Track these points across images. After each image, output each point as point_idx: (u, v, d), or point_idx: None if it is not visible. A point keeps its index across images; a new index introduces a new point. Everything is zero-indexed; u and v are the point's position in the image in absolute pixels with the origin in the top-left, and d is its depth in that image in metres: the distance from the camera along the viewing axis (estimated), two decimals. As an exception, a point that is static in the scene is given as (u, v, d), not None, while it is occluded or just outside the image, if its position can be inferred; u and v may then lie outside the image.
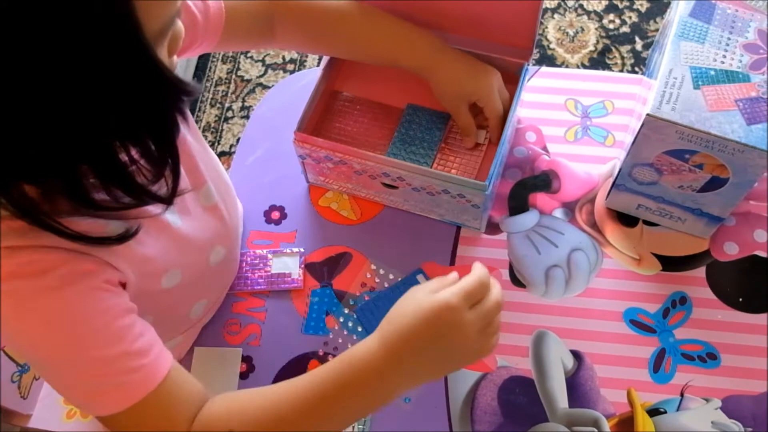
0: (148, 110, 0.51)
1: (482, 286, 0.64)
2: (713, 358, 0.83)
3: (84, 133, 0.48)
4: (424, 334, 0.62)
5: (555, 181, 0.93)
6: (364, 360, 0.63)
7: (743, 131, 0.73)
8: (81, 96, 0.46)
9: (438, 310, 0.61)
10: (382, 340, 0.63)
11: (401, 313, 0.63)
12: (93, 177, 0.52)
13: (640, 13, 1.92)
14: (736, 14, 0.81)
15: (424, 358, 0.63)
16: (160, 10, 0.49)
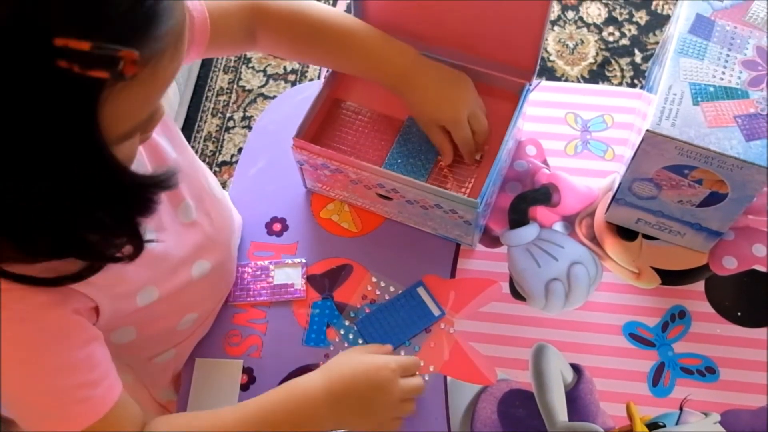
0: (105, 205, 0.51)
1: (415, 366, 0.79)
2: (712, 372, 0.83)
3: (40, 210, 0.48)
4: (362, 384, 0.74)
5: (555, 195, 0.93)
6: (306, 395, 0.73)
7: (742, 147, 0.73)
8: (39, 186, 0.46)
9: (378, 367, 0.75)
10: (325, 380, 0.73)
11: (346, 362, 0.76)
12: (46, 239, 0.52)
13: (639, 26, 1.94)
14: (735, 31, 0.82)
15: (354, 406, 0.74)
16: (129, 120, 0.50)
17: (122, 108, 0.47)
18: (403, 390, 0.75)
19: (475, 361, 0.84)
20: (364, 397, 0.74)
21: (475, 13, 0.85)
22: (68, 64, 0.41)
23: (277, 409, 0.72)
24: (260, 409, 0.72)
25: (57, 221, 0.50)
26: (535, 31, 0.83)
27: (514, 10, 0.83)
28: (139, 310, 0.70)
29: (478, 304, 0.87)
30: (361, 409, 0.74)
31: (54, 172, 0.46)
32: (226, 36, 0.82)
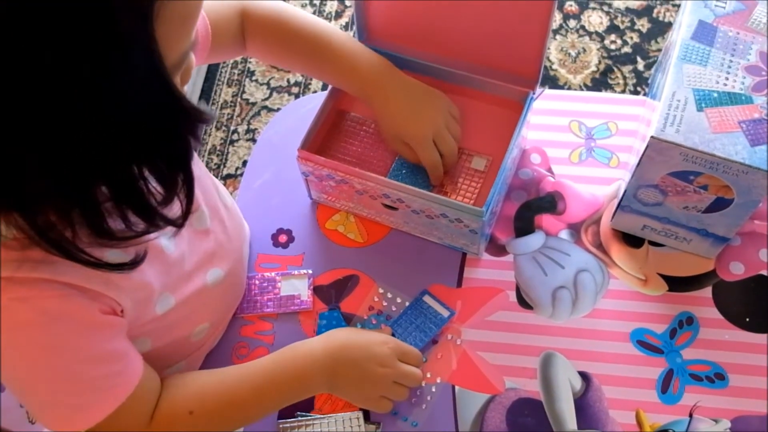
0: (166, 136, 0.52)
1: (415, 358, 0.81)
2: (721, 378, 0.83)
3: (104, 155, 0.49)
4: (359, 354, 0.78)
5: (560, 203, 0.93)
6: (306, 358, 0.77)
7: (747, 152, 0.74)
8: (102, 122, 0.47)
9: (378, 342, 0.79)
10: (326, 346, 0.77)
11: (347, 334, 0.80)
12: (108, 202, 0.53)
13: (641, 34, 1.94)
14: (737, 37, 0.82)
15: (349, 375, 0.77)
16: (178, 43, 0.52)
17: (170, 28, 0.48)
18: (398, 371, 0.78)
19: (483, 371, 0.84)
20: (360, 367, 0.77)
21: (478, 22, 0.86)
22: None
23: (278, 369, 0.76)
24: (264, 369, 0.76)
25: (121, 170, 0.52)
26: (538, 40, 0.84)
27: (516, 19, 0.83)
28: (156, 319, 0.70)
29: (485, 313, 0.87)
30: (354, 379, 0.78)
31: (122, 106, 0.47)
32: (224, 40, 0.84)
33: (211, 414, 0.73)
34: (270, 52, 0.90)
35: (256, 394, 0.75)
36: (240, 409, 0.74)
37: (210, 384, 0.75)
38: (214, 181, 0.84)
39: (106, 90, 0.46)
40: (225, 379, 0.75)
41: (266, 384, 0.75)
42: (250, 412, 0.76)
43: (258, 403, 0.75)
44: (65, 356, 0.61)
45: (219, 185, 0.85)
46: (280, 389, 0.76)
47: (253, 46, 0.88)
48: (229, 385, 0.74)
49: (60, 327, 0.60)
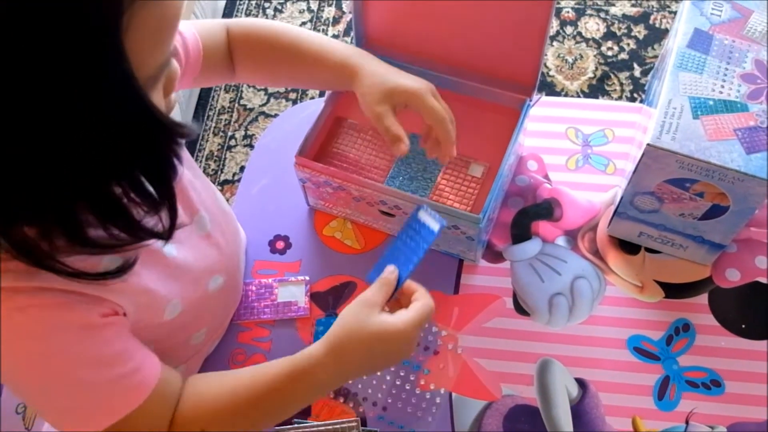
0: (143, 153, 0.52)
1: (432, 310, 0.73)
2: (717, 385, 0.83)
3: (81, 174, 0.49)
4: (376, 351, 0.70)
5: (557, 209, 0.94)
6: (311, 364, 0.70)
7: (742, 160, 0.74)
8: (77, 140, 0.46)
9: (397, 337, 0.69)
10: (333, 352, 0.69)
11: (358, 335, 0.70)
12: (89, 214, 0.52)
13: (637, 40, 1.95)
14: (733, 45, 0.83)
15: (367, 365, 0.72)
16: (153, 55, 0.50)
17: (143, 39, 0.47)
18: (418, 338, 0.74)
19: (480, 377, 0.84)
20: (380, 359, 0.72)
21: (475, 29, 0.86)
22: None
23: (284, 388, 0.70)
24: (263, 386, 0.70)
25: (100, 187, 0.51)
26: (536, 48, 0.84)
27: (514, 27, 0.83)
28: (162, 324, 0.70)
29: (482, 320, 0.87)
30: (374, 368, 0.76)
31: (92, 124, 0.46)
32: (213, 62, 0.83)
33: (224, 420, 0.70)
34: (256, 68, 0.88)
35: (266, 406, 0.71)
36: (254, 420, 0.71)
37: (221, 397, 0.71)
38: (212, 186, 0.84)
39: (78, 107, 0.45)
40: (238, 392, 0.71)
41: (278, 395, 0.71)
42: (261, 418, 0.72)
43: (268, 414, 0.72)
44: (68, 363, 0.60)
45: (216, 191, 0.85)
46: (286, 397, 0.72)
47: (240, 65, 0.87)
48: (240, 396, 0.70)
49: (60, 334, 0.59)
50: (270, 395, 0.70)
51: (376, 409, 0.83)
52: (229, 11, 2.11)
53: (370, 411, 0.83)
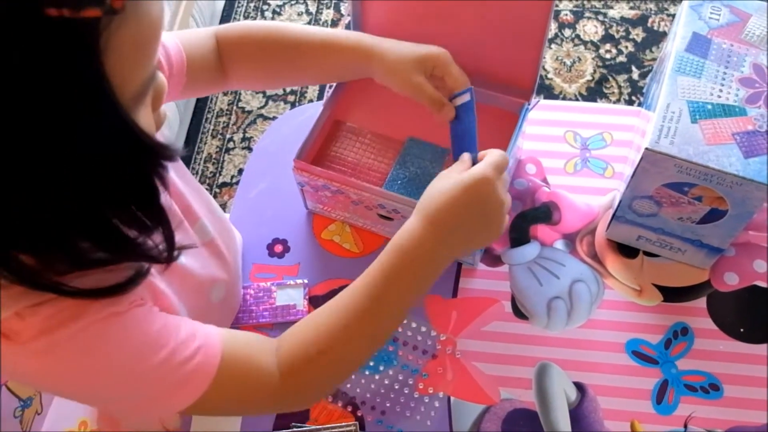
0: (129, 177, 0.50)
1: (505, 158, 0.71)
2: (716, 389, 0.83)
3: (68, 203, 0.47)
4: (465, 205, 0.67)
5: (555, 213, 0.94)
6: (413, 241, 0.67)
7: (741, 164, 0.74)
8: (63, 169, 0.45)
9: (476, 182, 0.67)
10: (426, 218, 0.67)
11: (440, 191, 0.68)
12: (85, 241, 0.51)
13: (636, 43, 1.95)
14: (731, 49, 0.83)
15: (464, 228, 0.68)
16: (135, 73, 0.48)
17: (123, 58, 0.45)
18: (503, 189, 0.70)
19: (478, 381, 0.84)
20: (475, 216, 0.68)
21: (473, 32, 0.86)
22: (58, 10, 0.39)
23: (390, 274, 0.67)
24: (373, 280, 0.67)
25: (88, 216, 0.49)
26: (534, 51, 0.84)
27: (512, 30, 0.83)
28: None
29: (481, 324, 0.87)
30: (476, 230, 0.70)
31: (76, 151, 0.45)
32: (201, 71, 0.81)
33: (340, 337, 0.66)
34: (252, 70, 0.86)
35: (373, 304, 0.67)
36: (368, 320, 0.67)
37: (323, 317, 0.68)
38: (205, 192, 0.83)
39: (60, 135, 0.43)
40: (340, 306, 0.67)
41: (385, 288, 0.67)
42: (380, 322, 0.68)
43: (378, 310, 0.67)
44: (124, 355, 0.58)
45: (209, 196, 0.84)
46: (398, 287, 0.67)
47: (234, 71, 0.85)
48: (341, 309, 0.67)
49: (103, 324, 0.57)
50: (386, 286, 0.66)
51: (375, 413, 0.83)
52: (227, 14, 2.11)
53: (369, 415, 0.83)
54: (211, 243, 0.77)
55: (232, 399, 0.65)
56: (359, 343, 0.68)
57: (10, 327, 0.53)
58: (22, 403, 0.86)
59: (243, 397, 0.66)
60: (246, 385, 0.65)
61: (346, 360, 0.68)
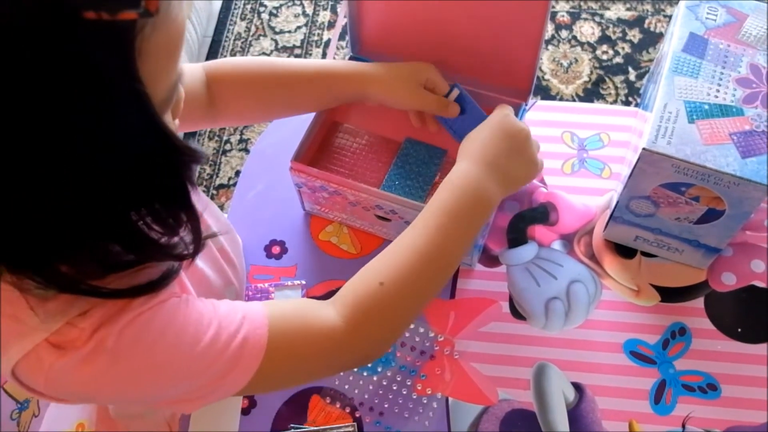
0: (161, 179, 0.50)
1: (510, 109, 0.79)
2: (713, 388, 0.83)
3: (103, 207, 0.47)
4: (498, 139, 0.75)
5: (553, 214, 0.94)
6: (462, 178, 0.72)
7: (738, 164, 0.74)
8: (95, 171, 0.45)
9: (501, 120, 0.77)
10: (469, 158, 0.74)
11: (475, 135, 0.77)
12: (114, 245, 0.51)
13: (632, 44, 1.95)
14: (728, 49, 0.83)
15: (502, 160, 0.74)
16: (165, 77, 0.48)
17: (154, 62, 0.45)
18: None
19: (476, 382, 0.84)
20: (513, 152, 0.76)
21: (470, 33, 0.86)
22: (96, 13, 0.40)
23: (446, 207, 0.70)
24: (432, 215, 0.69)
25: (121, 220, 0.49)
26: (531, 52, 0.84)
27: (509, 32, 0.84)
28: None
29: (478, 324, 0.87)
30: (517, 166, 0.76)
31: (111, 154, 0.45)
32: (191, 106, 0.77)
33: (404, 270, 0.66)
34: (246, 106, 0.86)
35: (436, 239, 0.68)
36: (430, 255, 0.67)
37: (384, 255, 0.69)
38: (205, 198, 0.83)
39: (94, 138, 0.44)
40: (404, 241, 0.68)
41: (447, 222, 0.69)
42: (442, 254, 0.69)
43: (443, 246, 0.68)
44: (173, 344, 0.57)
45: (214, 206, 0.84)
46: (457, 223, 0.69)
47: (226, 108, 0.84)
48: (407, 245, 0.68)
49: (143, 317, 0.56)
50: (446, 218, 0.69)
51: (373, 414, 0.83)
52: (223, 16, 2.11)
53: (367, 416, 0.83)
54: (222, 249, 0.78)
55: (295, 358, 0.63)
56: (424, 274, 0.67)
57: (64, 337, 0.53)
58: (19, 406, 0.86)
59: (306, 354, 0.64)
60: (306, 341, 0.63)
61: (411, 293, 0.67)
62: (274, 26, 2.08)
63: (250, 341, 0.59)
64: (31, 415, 0.86)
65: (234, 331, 0.59)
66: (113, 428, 0.84)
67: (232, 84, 0.83)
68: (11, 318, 0.52)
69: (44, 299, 0.52)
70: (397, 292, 0.66)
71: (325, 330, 0.64)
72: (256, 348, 0.60)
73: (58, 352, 0.53)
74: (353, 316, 0.65)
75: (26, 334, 0.52)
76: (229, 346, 0.58)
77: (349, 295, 0.66)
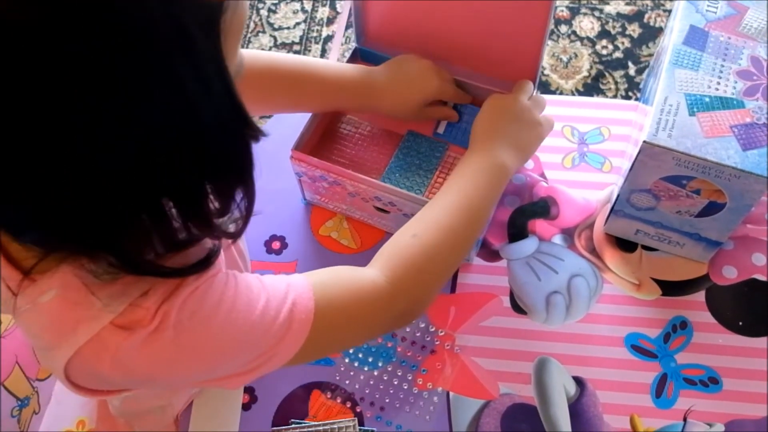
0: (233, 150, 0.51)
1: (528, 84, 0.85)
2: (715, 382, 0.83)
3: (179, 173, 0.48)
4: (502, 117, 0.82)
5: (553, 208, 0.93)
6: (476, 154, 0.78)
7: (739, 157, 0.74)
8: (180, 138, 0.46)
9: (504, 102, 0.83)
10: (478, 140, 0.80)
11: (478, 120, 0.82)
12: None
13: (632, 39, 1.95)
14: (729, 41, 0.82)
15: (512, 132, 0.81)
16: (233, 56, 0.50)
17: (229, 42, 0.48)
18: (532, 107, 0.84)
19: (477, 376, 0.84)
20: (515, 125, 0.82)
21: (474, 29, 0.86)
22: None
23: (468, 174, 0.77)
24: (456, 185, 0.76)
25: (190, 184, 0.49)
26: (534, 49, 0.84)
27: (513, 27, 0.83)
28: None
29: (479, 319, 0.87)
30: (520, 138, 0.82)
31: (195, 120, 0.46)
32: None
33: (435, 223, 0.72)
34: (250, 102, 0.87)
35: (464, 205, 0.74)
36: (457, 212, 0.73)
37: (418, 216, 0.74)
38: None
39: (182, 106, 0.45)
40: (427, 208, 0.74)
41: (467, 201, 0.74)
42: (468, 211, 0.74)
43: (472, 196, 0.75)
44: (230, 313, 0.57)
45: None
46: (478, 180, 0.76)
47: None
48: (434, 203, 0.74)
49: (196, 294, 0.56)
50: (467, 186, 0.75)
51: (374, 409, 0.83)
52: (223, 12, 2.10)
53: (368, 411, 0.83)
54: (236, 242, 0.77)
55: (343, 319, 0.64)
56: (453, 228, 0.72)
57: (130, 318, 0.53)
58: (19, 403, 0.85)
59: (353, 314, 0.65)
60: (352, 301, 0.64)
61: (444, 244, 0.71)
62: (272, 22, 2.08)
63: (298, 307, 0.60)
64: (31, 413, 0.86)
65: (282, 300, 0.59)
66: (114, 426, 0.84)
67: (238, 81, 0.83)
68: (74, 303, 0.52)
69: (103, 284, 0.52)
70: (431, 241, 0.70)
71: (368, 287, 0.66)
72: (305, 313, 0.60)
73: (125, 333, 0.53)
74: (393, 271, 0.67)
75: (90, 318, 0.52)
76: (279, 313, 0.59)
77: (385, 252, 0.70)
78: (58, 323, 0.53)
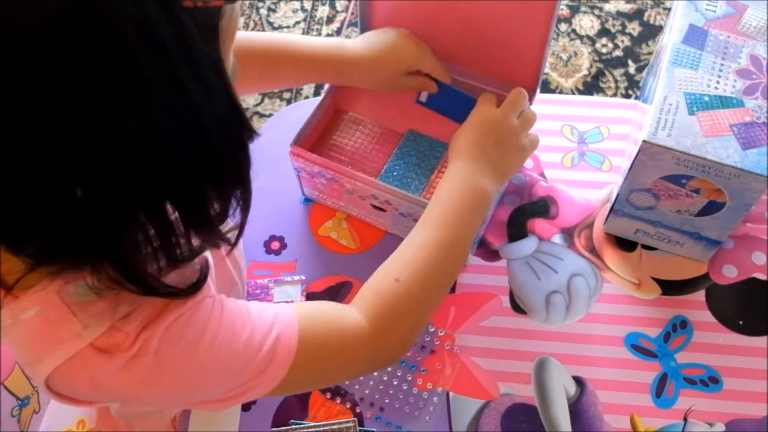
0: (231, 152, 0.51)
1: (523, 97, 0.82)
2: (715, 381, 0.83)
3: (179, 176, 0.48)
4: (487, 137, 0.79)
5: (553, 207, 0.93)
6: (456, 175, 0.76)
7: (739, 156, 0.74)
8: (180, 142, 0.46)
9: (493, 121, 0.80)
10: (460, 155, 0.78)
11: (464, 131, 0.80)
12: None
13: (632, 37, 1.95)
14: (728, 40, 0.82)
15: (494, 154, 0.78)
16: (228, 58, 0.51)
17: (224, 44, 0.49)
18: (521, 127, 0.81)
19: (477, 376, 0.84)
20: (498, 147, 0.79)
21: (477, 29, 0.86)
22: (193, 1, 0.44)
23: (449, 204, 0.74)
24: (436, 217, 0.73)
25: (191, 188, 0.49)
26: (537, 50, 0.84)
27: (516, 28, 0.83)
28: None
29: (479, 319, 0.87)
30: (502, 159, 0.79)
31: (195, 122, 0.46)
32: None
33: (415, 265, 0.70)
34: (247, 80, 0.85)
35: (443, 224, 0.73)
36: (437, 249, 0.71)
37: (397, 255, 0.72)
38: None
39: (183, 108, 0.45)
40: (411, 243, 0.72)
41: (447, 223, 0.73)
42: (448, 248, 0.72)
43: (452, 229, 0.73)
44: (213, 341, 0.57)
45: None
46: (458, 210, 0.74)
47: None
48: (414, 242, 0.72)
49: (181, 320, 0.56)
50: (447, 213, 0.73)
51: (374, 410, 0.83)
52: (222, 11, 2.10)
53: (368, 411, 0.83)
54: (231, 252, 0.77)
55: (325, 357, 0.64)
56: (434, 268, 0.70)
57: (109, 342, 0.53)
58: (19, 402, 0.85)
59: (335, 353, 0.65)
60: (335, 340, 0.64)
61: (425, 286, 0.70)
62: (272, 21, 2.08)
63: (282, 340, 0.60)
64: (31, 412, 0.86)
65: (267, 331, 0.60)
66: (113, 426, 0.84)
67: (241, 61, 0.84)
68: (54, 323, 0.52)
69: (85, 305, 0.52)
70: (413, 286, 0.68)
71: (351, 328, 0.65)
72: (288, 347, 0.60)
73: (104, 356, 0.53)
74: (377, 315, 0.67)
75: (70, 338, 0.52)
76: (263, 344, 0.59)
77: (368, 294, 0.68)
78: (39, 341, 0.53)
